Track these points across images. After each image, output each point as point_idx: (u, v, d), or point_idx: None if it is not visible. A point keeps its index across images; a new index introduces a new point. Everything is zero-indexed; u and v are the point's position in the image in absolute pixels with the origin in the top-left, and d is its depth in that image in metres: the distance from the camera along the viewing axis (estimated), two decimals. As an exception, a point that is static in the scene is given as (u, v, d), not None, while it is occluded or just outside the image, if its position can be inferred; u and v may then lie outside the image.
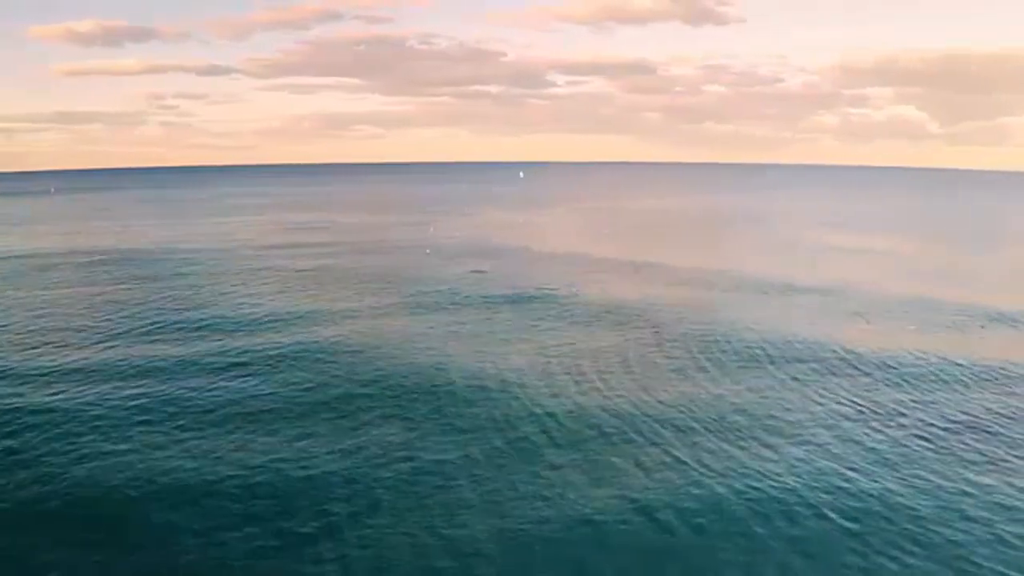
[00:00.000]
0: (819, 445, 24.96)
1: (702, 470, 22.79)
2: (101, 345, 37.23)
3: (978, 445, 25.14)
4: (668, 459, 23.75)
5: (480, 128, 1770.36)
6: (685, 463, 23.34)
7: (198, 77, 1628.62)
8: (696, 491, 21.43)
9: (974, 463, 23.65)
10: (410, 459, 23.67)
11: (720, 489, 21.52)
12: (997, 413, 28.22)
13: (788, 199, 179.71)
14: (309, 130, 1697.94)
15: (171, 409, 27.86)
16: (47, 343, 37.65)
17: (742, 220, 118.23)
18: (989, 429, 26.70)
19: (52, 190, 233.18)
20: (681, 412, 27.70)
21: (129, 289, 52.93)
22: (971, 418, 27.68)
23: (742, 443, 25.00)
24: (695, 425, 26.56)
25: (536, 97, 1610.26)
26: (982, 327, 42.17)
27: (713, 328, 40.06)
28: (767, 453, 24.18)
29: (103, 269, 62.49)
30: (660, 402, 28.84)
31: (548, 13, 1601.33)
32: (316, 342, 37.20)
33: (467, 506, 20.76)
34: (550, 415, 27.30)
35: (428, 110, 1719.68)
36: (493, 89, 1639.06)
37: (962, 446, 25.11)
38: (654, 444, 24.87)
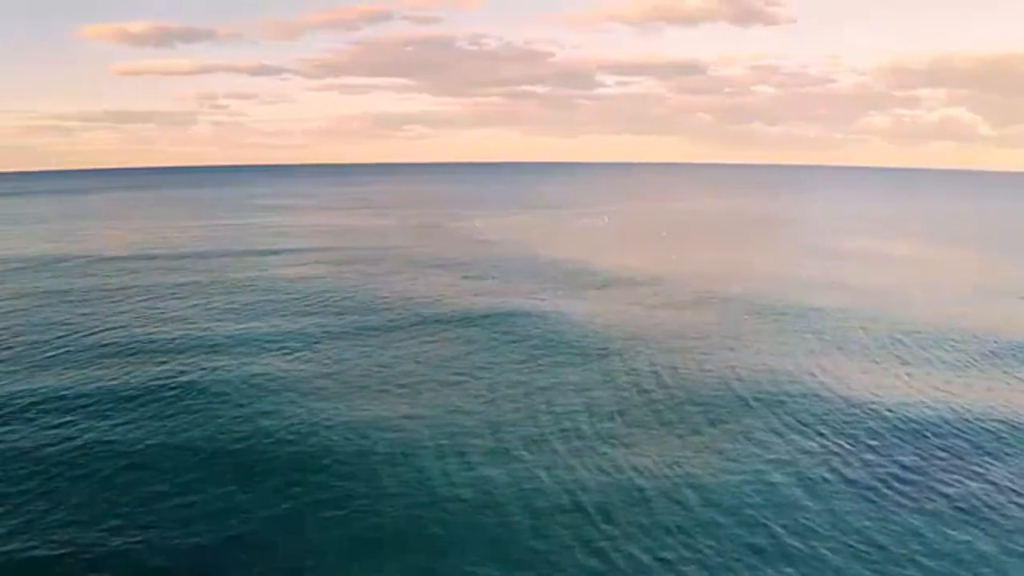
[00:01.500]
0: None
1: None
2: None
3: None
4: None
5: (529, 128, 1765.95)
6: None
7: (249, 77, 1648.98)
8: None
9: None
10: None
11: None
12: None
13: (839, 202, 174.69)
14: (359, 130, 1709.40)
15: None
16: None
17: (794, 224, 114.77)
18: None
19: (99, 189, 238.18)
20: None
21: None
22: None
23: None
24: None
25: (585, 98, 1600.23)
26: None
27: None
28: None
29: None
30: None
31: (597, 13, 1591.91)
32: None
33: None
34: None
35: (477, 111, 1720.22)
36: (542, 90, 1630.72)
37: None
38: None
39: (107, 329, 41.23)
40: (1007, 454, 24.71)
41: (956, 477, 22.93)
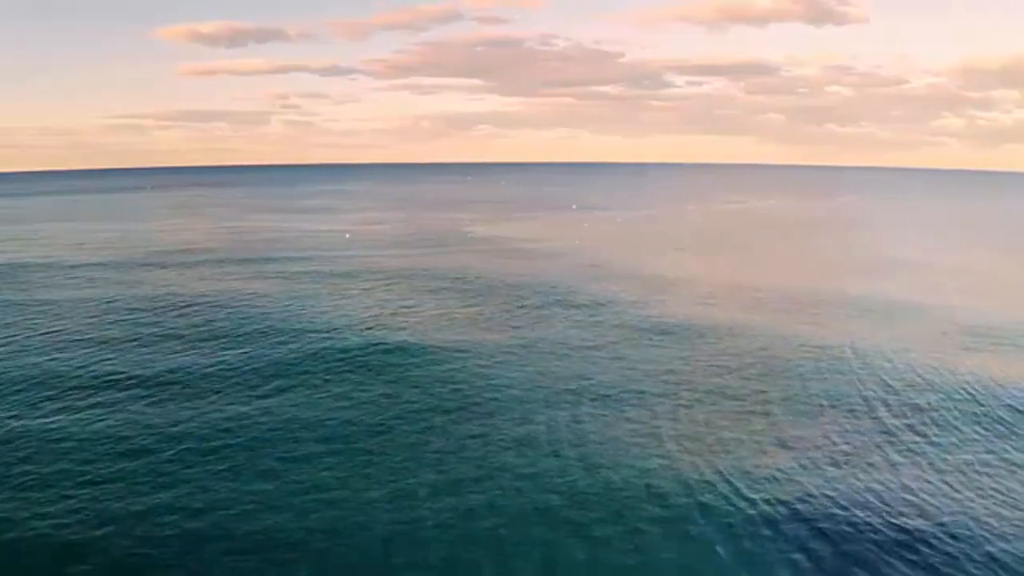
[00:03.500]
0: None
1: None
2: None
3: None
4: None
5: (598, 129, 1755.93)
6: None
7: (320, 77, 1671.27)
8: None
9: None
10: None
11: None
12: None
13: (927, 204, 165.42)
14: (429, 130, 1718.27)
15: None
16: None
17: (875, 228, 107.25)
18: None
19: (150, 187, 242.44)
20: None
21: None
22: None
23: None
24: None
25: (655, 98, 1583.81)
26: None
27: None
28: None
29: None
30: None
31: (666, 13, 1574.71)
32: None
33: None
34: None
35: (546, 111, 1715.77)
36: (611, 90, 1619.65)
37: None
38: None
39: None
40: None
41: None
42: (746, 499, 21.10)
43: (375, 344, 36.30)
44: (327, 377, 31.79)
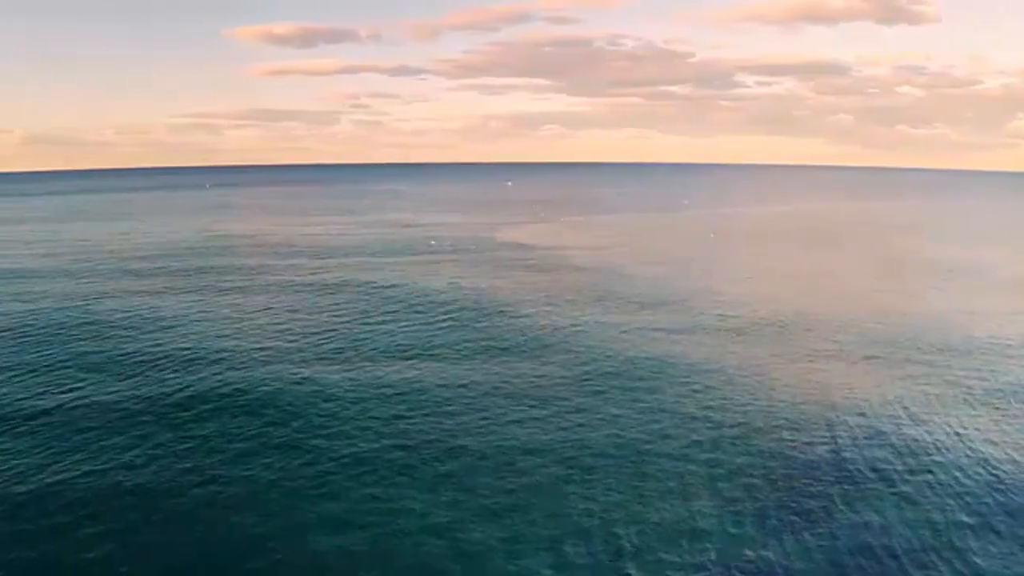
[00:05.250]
0: None
1: None
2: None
3: None
4: None
5: (668, 129, 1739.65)
6: None
7: (389, 77, 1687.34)
8: None
9: None
10: None
11: None
12: None
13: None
14: (497, 129, 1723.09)
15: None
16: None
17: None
18: None
19: (208, 185, 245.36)
20: None
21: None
22: None
23: None
24: None
25: (724, 98, 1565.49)
26: None
27: None
28: None
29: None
30: None
31: (736, 13, 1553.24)
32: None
33: None
34: None
35: (615, 111, 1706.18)
36: (680, 90, 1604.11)
37: None
38: None
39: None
40: None
41: None
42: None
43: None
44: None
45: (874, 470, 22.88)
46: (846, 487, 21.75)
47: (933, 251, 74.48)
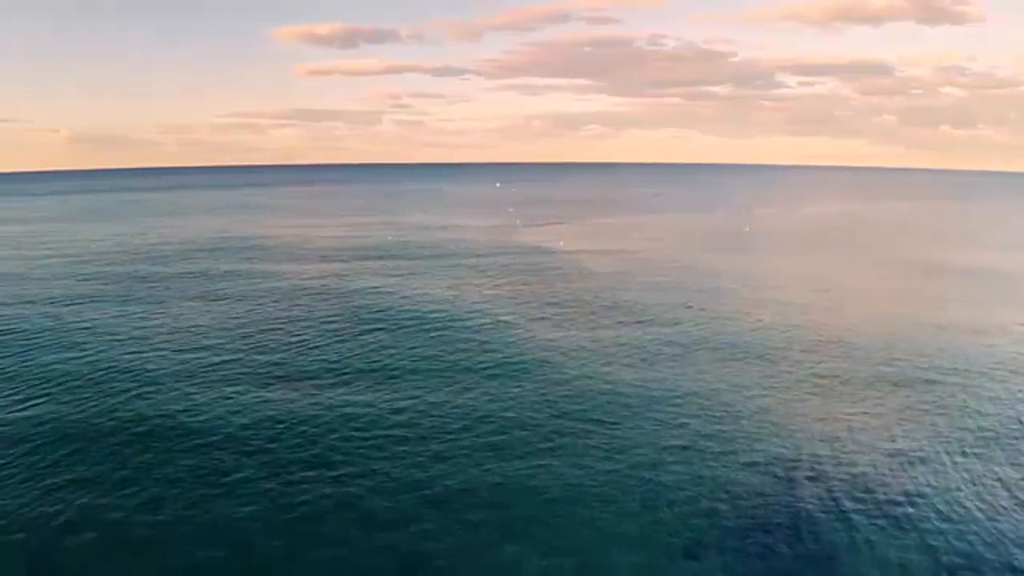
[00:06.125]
0: None
1: None
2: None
3: None
4: None
5: (708, 129, 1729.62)
6: None
7: (431, 78, 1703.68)
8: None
9: None
10: None
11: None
12: None
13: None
14: (538, 129, 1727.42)
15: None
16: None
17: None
18: None
19: (241, 184, 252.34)
20: None
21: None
22: None
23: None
24: None
25: (765, 98, 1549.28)
26: None
27: None
28: None
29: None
30: None
31: (778, 12, 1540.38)
32: None
33: None
34: None
35: (655, 111, 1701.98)
36: (721, 90, 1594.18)
37: None
38: None
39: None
40: None
41: None
42: None
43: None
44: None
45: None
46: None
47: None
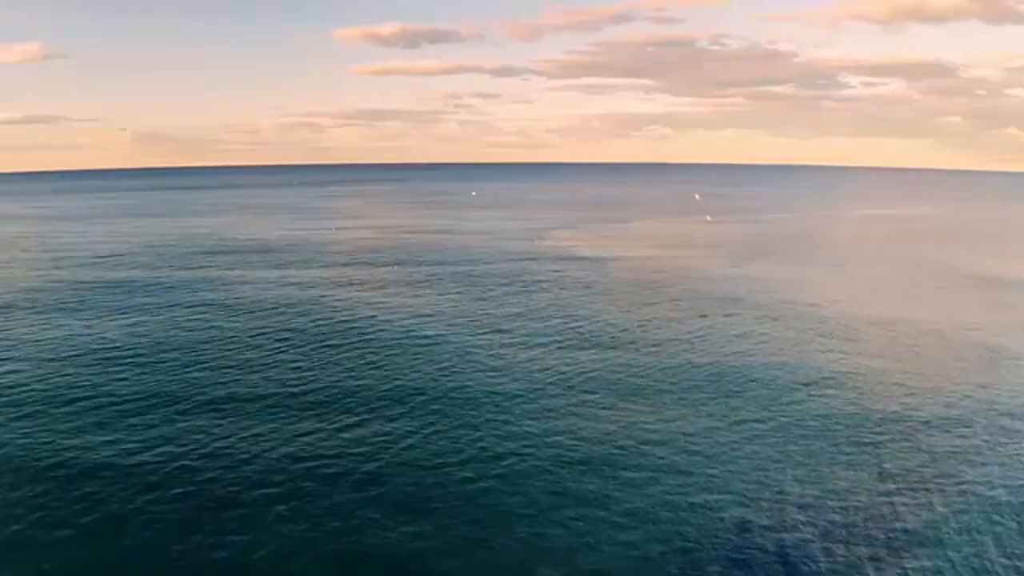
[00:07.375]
0: None
1: None
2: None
3: None
4: None
5: (771, 130, 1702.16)
6: None
7: (492, 78, 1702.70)
8: None
9: None
10: None
11: None
12: None
13: None
14: (599, 130, 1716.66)
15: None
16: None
17: None
18: None
19: (295, 183, 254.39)
20: None
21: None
22: None
23: None
24: None
25: (829, 99, 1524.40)
26: None
27: None
28: None
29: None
30: None
31: (841, 12, 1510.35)
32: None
33: None
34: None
35: (718, 111, 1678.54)
36: (784, 90, 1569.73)
37: None
38: None
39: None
40: None
41: None
42: None
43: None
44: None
45: None
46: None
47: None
